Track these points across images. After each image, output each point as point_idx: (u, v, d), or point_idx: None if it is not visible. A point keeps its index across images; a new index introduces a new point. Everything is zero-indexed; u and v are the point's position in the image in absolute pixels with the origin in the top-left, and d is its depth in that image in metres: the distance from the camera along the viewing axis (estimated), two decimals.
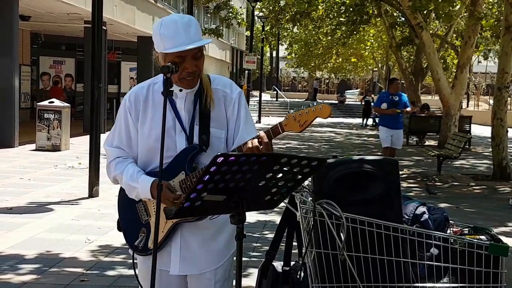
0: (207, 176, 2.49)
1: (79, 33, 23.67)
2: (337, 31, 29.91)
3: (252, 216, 8.20)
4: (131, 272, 6.13)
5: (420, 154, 19.42)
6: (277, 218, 8.58)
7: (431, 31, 21.44)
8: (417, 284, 3.38)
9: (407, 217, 3.44)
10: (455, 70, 21.07)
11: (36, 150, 16.13)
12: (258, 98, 37.34)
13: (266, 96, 51.68)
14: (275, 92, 53.64)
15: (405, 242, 3.33)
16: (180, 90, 3.05)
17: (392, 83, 14.10)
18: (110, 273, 6.19)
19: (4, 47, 16.35)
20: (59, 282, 5.84)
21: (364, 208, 3.34)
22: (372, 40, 37.64)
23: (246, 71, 34.40)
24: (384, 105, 13.53)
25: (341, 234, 3.28)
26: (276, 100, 50.41)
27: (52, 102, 16.75)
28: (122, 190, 3.22)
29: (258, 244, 7.36)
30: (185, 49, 2.93)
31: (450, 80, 23.88)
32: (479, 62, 46.75)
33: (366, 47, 39.77)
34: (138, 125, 3.13)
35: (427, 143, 23.91)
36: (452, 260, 3.35)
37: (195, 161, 3.05)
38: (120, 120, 3.18)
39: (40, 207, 9.12)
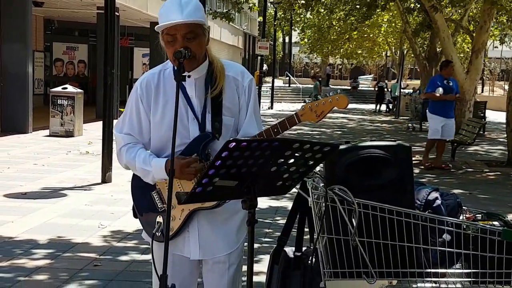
0: (219, 161, 2.48)
1: (92, 19, 23.68)
2: (351, 16, 29.70)
3: (263, 202, 8.20)
4: (144, 257, 6.17)
5: None
6: (288, 204, 8.57)
7: (445, 16, 21.20)
8: (429, 270, 3.37)
9: (419, 202, 3.43)
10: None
11: (49, 136, 16.20)
12: (270, 84, 37.15)
13: (278, 82, 51.44)
14: (287, 78, 53.37)
15: (417, 227, 3.31)
16: (188, 76, 3.02)
17: (447, 66, 12.60)
18: (123, 258, 6.22)
19: (18, 33, 16.39)
20: (73, 267, 5.87)
21: (376, 194, 3.32)
22: (386, 25, 37.31)
23: (259, 57, 34.23)
24: (440, 90, 12.17)
25: (353, 220, 3.26)
26: (289, 86, 50.17)
27: (65, 88, 16.80)
28: (134, 178, 3.21)
29: (269, 230, 7.37)
30: (168, 24, 2.89)
31: (465, 65, 23.68)
32: (494, 47, 46.30)
33: (380, 32, 39.45)
34: (151, 113, 3.12)
35: None
36: (465, 246, 3.33)
37: (208, 148, 3.05)
38: (131, 107, 3.16)
39: (54, 193, 9.17)
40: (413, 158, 3.92)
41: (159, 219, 3.10)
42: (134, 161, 3.11)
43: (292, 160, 2.62)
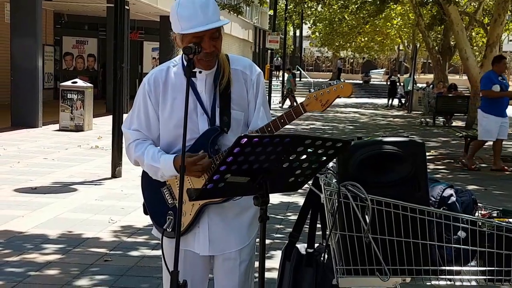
0: (230, 157, 2.46)
1: (102, 12, 23.68)
2: (363, 10, 29.51)
3: (275, 198, 8.17)
4: (154, 253, 6.15)
5: (447, 135, 19.15)
6: (300, 200, 8.55)
7: (459, 9, 20.99)
8: (443, 267, 3.32)
9: (434, 199, 3.37)
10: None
11: (59, 130, 16.23)
12: (281, 78, 37.03)
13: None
14: (298, 72, 53.15)
15: (432, 224, 3.27)
16: (200, 72, 3.00)
17: (499, 61, 11.68)
18: (133, 253, 6.20)
19: (28, 27, 16.38)
20: (83, 262, 5.87)
21: (389, 190, 3.27)
22: (399, 19, 37.02)
23: (269, 51, 34.13)
24: (497, 87, 11.24)
25: (366, 217, 3.22)
26: (300, 80, 50.00)
27: (75, 82, 16.80)
28: (144, 174, 3.20)
29: (281, 226, 7.34)
30: (202, 29, 2.89)
31: (479, 59, 23.50)
32: (509, 40, 45.96)
33: (393, 26, 39.18)
34: (159, 109, 3.10)
35: (454, 123, 23.49)
36: (480, 243, 3.28)
37: (217, 143, 3.02)
38: (139, 103, 3.15)
39: (64, 187, 9.17)
40: (427, 154, 3.87)
41: (170, 215, 3.08)
42: (143, 157, 3.09)
43: (304, 156, 2.60)
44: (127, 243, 6.53)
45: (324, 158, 2.67)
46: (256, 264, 3.01)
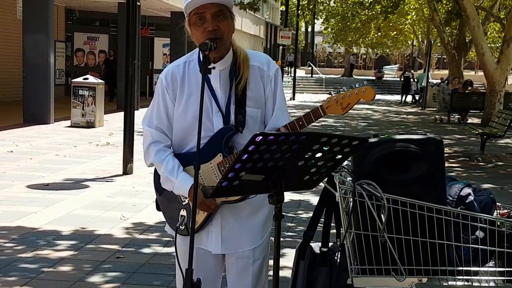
0: (246, 155, 2.43)
1: (113, 9, 23.70)
2: (377, 5, 29.27)
3: (286, 196, 8.08)
4: (166, 250, 6.14)
5: (462, 133, 18.96)
6: (311, 198, 8.52)
7: (475, 4, 20.74)
8: (461, 268, 3.28)
9: (451, 198, 3.33)
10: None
11: (71, 126, 16.25)
12: (292, 74, 36.86)
13: (300, 72, 51.05)
14: (310, 68, 52.89)
15: (449, 224, 3.22)
16: (213, 68, 2.95)
17: None
18: (145, 250, 6.19)
19: (40, 23, 16.39)
20: (96, 259, 5.87)
21: (405, 189, 3.23)
22: (413, 13, 36.69)
23: (280, 47, 34.00)
24: None
25: (382, 216, 3.18)
26: (311, 76, 49.80)
27: (87, 78, 16.81)
28: (157, 173, 3.16)
29: (292, 224, 7.30)
30: (199, 1, 2.84)
31: (496, 55, 23.29)
32: None
33: (407, 21, 38.85)
34: (175, 105, 3.06)
35: (469, 120, 23.21)
36: (499, 243, 3.24)
37: (231, 142, 2.99)
38: (158, 100, 3.11)
39: (76, 184, 9.17)
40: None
41: (183, 212, 3.07)
42: (161, 166, 3.06)
43: (320, 154, 2.57)
44: (139, 240, 6.52)
45: (340, 156, 2.63)
46: (270, 262, 2.98)
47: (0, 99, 18.13)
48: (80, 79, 16.87)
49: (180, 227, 3.03)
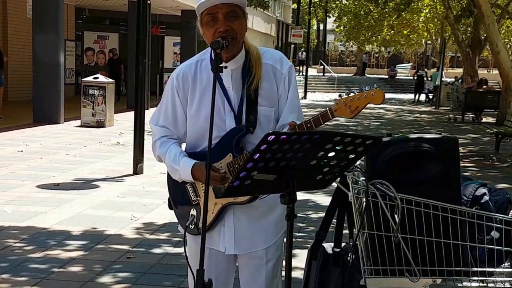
0: (258, 154, 2.40)
1: (123, 7, 23.72)
2: (389, 2, 29.07)
3: (297, 196, 8.07)
4: (177, 250, 6.11)
5: (476, 132, 18.82)
6: (322, 198, 8.48)
7: (490, 1, 20.52)
8: (476, 269, 3.23)
9: (466, 198, 3.29)
10: None
11: (81, 126, 16.25)
12: (304, 73, 36.68)
13: (312, 71, 50.83)
14: (322, 66, 52.64)
15: (464, 224, 3.18)
16: (225, 67, 2.92)
17: None
18: (156, 250, 6.17)
19: (49, 22, 16.41)
20: (106, 259, 5.85)
21: (419, 189, 3.19)
22: (426, 11, 36.43)
23: (292, 45, 33.91)
24: None
25: (395, 216, 3.14)
26: (323, 75, 49.58)
27: (97, 77, 16.81)
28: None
29: (303, 224, 7.26)
30: (211, 2, 2.81)
31: (511, 53, 23.09)
32: None
33: (420, 18, 38.59)
34: (187, 105, 3.04)
35: (484, 120, 23.03)
36: None
37: (242, 142, 2.96)
38: (166, 99, 3.10)
39: (86, 184, 9.16)
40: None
41: (193, 211, 3.04)
42: (165, 156, 3.06)
43: (333, 154, 2.54)
44: (150, 240, 6.50)
45: (353, 155, 2.60)
46: (282, 263, 2.95)
47: (10, 99, 18.18)
48: (90, 78, 16.86)
49: (190, 226, 3.01)
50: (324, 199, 8.30)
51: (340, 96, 2.90)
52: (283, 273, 2.81)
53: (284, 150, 2.42)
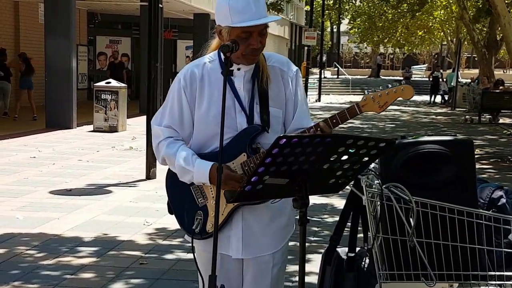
0: (269, 158, 2.38)
1: (135, 11, 23.74)
2: (403, 2, 28.91)
3: (311, 199, 8.00)
4: (190, 256, 6.04)
5: (493, 133, 18.64)
6: (337, 202, 8.41)
7: (506, 1, 20.29)
8: (493, 273, 3.17)
9: (482, 201, 3.23)
10: None
11: (93, 131, 16.26)
12: (318, 76, 36.49)
13: (326, 73, 50.61)
14: (336, 69, 52.42)
15: (481, 227, 3.12)
16: (238, 69, 2.89)
17: None
18: (169, 256, 6.12)
19: (62, 27, 16.42)
20: (119, 265, 5.81)
21: (435, 192, 3.14)
22: (441, 11, 36.19)
23: (305, 47, 33.80)
24: None
25: (411, 219, 3.08)
26: (337, 77, 49.36)
27: (109, 82, 16.82)
28: (171, 172, 3.08)
29: (317, 229, 7.19)
30: (256, 24, 2.82)
31: None
32: None
33: (435, 19, 38.35)
34: (195, 106, 2.99)
35: (501, 121, 22.81)
36: None
37: (256, 142, 2.91)
38: (172, 99, 3.04)
39: (99, 189, 9.15)
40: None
41: (199, 215, 2.97)
42: (174, 158, 2.97)
43: (345, 157, 2.51)
44: (162, 246, 6.45)
45: (366, 158, 2.57)
46: (295, 268, 2.90)
47: (23, 104, 18.23)
48: (102, 83, 16.87)
49: (196, 230, 2.95)
50: (340, 202, 8.23)
51: (366, 92, 2.86)
52: (297, 278, 2.76)
53: (296, 154, 2.40)
